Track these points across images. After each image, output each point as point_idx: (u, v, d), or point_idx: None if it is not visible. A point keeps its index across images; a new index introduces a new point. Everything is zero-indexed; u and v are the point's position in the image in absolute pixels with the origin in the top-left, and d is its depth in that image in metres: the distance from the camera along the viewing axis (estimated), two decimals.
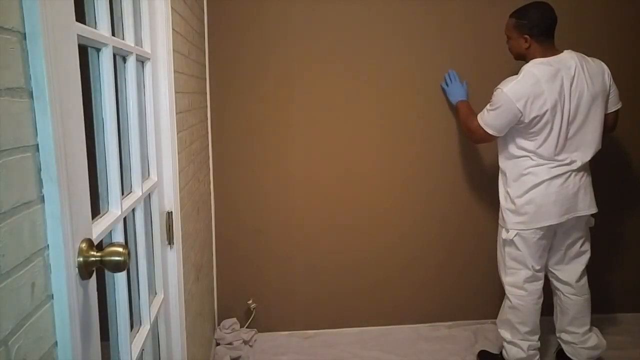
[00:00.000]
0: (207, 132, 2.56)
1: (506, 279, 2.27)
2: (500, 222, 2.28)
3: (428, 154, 2.71)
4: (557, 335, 2.38)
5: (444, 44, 2.61)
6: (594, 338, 2.31)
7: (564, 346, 2.36)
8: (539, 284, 2.24)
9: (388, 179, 2.72)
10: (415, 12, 2.58)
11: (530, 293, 2.22)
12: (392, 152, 2.69)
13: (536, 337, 2.28)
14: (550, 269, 2.31)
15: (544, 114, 2.03)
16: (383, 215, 2.75)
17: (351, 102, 2.63)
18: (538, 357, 2.30)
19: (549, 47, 2.11)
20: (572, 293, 2.28)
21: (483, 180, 2.72)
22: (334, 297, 2.80)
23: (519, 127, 2.09)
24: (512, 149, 2.16)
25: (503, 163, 2.23)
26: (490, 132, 2.15)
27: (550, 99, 2.03)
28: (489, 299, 2.79)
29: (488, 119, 2.14)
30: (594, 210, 2.18)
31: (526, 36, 2.12)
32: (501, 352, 2.38)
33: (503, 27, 2.23)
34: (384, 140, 2.68)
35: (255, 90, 2.58)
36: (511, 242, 2.20)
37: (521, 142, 2.13)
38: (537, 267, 2.21)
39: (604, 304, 2.82)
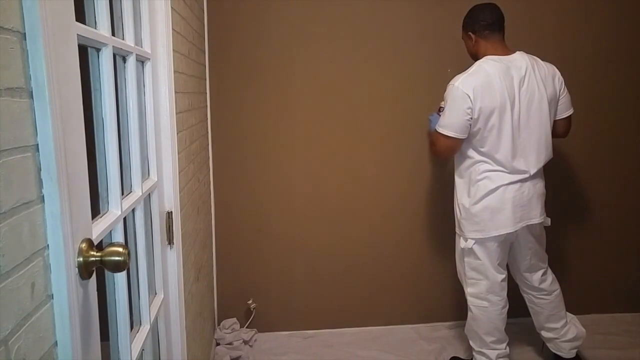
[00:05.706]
0: (207, 132, 2.56)
1: (468, 290, 2.24)
2: (457, 230, 2.23)
3: (430, 154, 2.71)
4: (538, 332, 2.38)
5: (445, 46, 2.61)
6: (573, 329, 2.30)
7: (547, 343, 2.37)
8: (503, 294, 2.19)
9: (388, 178, 2.72)
10: (418, 13, 2.58)
11: (492, 304, 2.18)
12: (393, 152, 2.69)
13: (503, 344, 2.24)
14: (519, 276, 2.29)
15: (494, 110, 1.98)
16: (383, 215, 2.75)
17: (352, 103, 2.63)
18: None
19: (498, 45, 2.09)
20: (542, 295, 2.27)
21: None
22: (334, 297, 2.80)
23: (472, 130, 2.03)
24: (467, 155, 2.10)
25: (458, 170, 2.18)
26: (446, 132, 2.03)
27: (500, 95, 1.98)
28: None
29: (442, 121, 2.06)
30: (543, 218, 2.14)
31: (470, 33, 2.13)
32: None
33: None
34: (385, 140, 2.68)
35: (255, 90, 2.58)
36: (470, 251, 2.15)
37: (476, 147, 2.06)
38: (499, 277, 2.15)
39: (603, 303, 2.83)
